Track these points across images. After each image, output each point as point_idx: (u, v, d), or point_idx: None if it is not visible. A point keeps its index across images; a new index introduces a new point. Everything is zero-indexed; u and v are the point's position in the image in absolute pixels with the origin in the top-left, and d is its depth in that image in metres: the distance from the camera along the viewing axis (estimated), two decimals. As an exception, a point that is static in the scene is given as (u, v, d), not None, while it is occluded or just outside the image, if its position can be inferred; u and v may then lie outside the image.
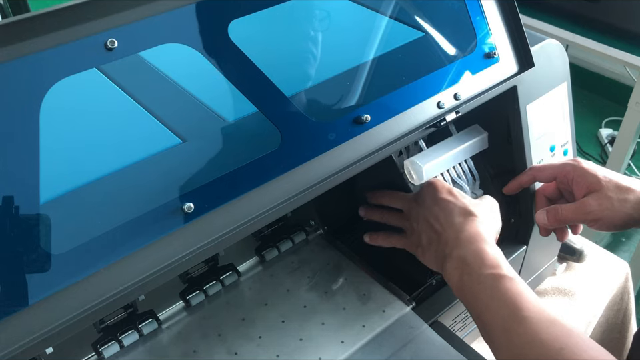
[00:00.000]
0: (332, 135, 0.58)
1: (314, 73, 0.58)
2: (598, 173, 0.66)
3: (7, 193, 0.43)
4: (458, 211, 0.63)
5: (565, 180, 0.68)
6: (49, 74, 0.45)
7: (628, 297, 0.94)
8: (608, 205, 0.63)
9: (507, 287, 0.55)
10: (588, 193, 0.65)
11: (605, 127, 2.42)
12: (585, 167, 0.67)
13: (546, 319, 0.52)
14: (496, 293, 0.55)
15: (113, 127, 0.48)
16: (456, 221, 0.63)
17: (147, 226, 0.48)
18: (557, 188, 0.70)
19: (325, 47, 0.60)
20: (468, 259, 0.58)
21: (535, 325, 0.51)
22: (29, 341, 0.43)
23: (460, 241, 0.60)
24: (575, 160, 0.69)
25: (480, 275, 0.57)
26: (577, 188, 0.66)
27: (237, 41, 0.53)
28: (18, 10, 1.66)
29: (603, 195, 0.64)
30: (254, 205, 0.53)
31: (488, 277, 0.56)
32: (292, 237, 0.80)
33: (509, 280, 0.55)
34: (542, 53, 0.72)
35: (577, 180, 0.66)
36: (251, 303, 0.73)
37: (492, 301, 0.55)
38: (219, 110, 0.52)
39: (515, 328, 0.52)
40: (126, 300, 0.48)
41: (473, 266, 0.58)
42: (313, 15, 0.60)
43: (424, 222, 0.65)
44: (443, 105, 0.65)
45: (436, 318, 0.71)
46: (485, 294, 0.56)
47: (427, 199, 0.66)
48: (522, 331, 0.52)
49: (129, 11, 0.48)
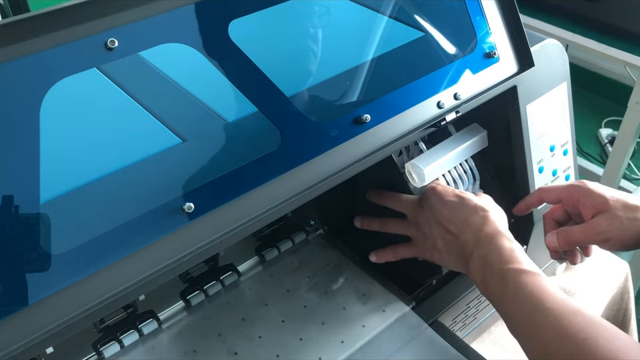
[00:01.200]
0: (332, 134, 0.58)
1: (314, 73, 0.58)
2: (605, 193, 0.65)
3: (7, 192, 0.43)
4: (470, 210, 0.64)
5: (570, 202, 0.68)
6: (49, 74, 0.45)
7: (628, 297, 0.94)
8: (617, 224, 0.63)
9: (528, 281, 0.55)
10: (596, 214, 0.65)
11: (605, 126, 2.42)
12: (591, 188, 0.66)
13: (569, 310, 0.52)
14: (518, 288, 0.56)
15: (113, 126, 0.48)
16: (471, 220, 0.63)
17: (147, 226, 0.48)
18: (564, 211, 0.69)
19: (325, 46, 0.60)
20: (489, 257, 0.59)
21: (558, 317, 0.52)
22: (29, 341, 0.43)
23: (480, 241, 0.61)
24: (580, 181, 0.68)
25: (502, 271, 0.57)
26: (585, 209, 0.66)
27: (237, 41, 0.53)
28: (18, 10, 1.66)
29: (611, 215, 0.64)
30: (254, 205, 0.53)
31: (510, 273, 0.57)
32: (292, 237, 0.80)
33: (530, 274, 0.56)
34: (542, 53, 0.72)
35: (583, 201, 0.66)
36: (250, 303, 0.73)
37: (515, 296, 0.56)
38: (219, 110, 0.52)
39: (540, 322, 0.53)
40: (126, 300, 0.48)
41: (494, 264, 0.58)
42: (312, 15, 0.60)
43: (437, 226, 0.65)
44: (443, 104, 0.65)
45: (436, 318, 0.71)
46: (508, 290, 0.56)
47: (434, 204, 0.66)
48: (546, 324, 0.52)
49: (128, 10, 0.48)
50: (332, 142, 0.58)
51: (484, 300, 0.78)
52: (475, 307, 0.78)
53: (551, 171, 0.79)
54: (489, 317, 0.82)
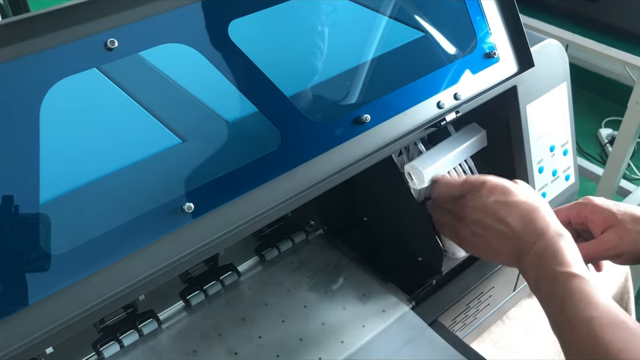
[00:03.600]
0: (332, 134, 0.58)
1: (314, 73, 0.58)
2: (612, 208, 0.65)
3: (7, 192, 0.43)
4: (525, 208, 0.61)
5: (578, 220, 0.67)
6: (49, 74, 0.45)
7: (628, 297, 0.94)
8: (628, 238, 0.63)
9: (579, 286, 0.55)
10: (606, 229, 0.64)
11: (605, 126, 2.42)
12: (598, 204, 0.66)
13: (613, 320, 0.52)
14: (568, 291, 0.55)
15: (113, 126, 0.48)
16: (526, 217, 0.61)
17: (147, 226, 0.48)
18: (573, 230, 0.69)
19: (325, 46, 0.60)
20: (544, 256, 0.58)
21: (602, 327, 0.52)
22: (29, 341, 0.43)
23: (534, 239, 0.59)
24: (585, 198, 0.68)
25: (554, 272, 0.56)
26: (593, 226, 0.65)
27: (237, 41, 0.53)
28: (18, 10, 1.66)
29: (621, 229, 0.63)
30: (254, 205, 0.53)
31: (562, 275, 0.56)
32: (292, 237, 0.80)
33: (581, 279, 0.55)
34: (542, 53, 0.72)
35: (591, 218, 0.65)
36: (251, 303, 0.73)
37: (564, 299, 0.55)
38: (219, 110, 0.52)
39: (583, 328, 0.52)
40: (126, 300, 0.48)
41: (548, 263, 0.57)
42: (312, 15, 0.60)
43: (489, 217, 0.63)
44: (443, 104, 0.65)
45: (436, 318, 0.71)
46: (557, 293, 0.56)
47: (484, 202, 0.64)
48: (589, 330, 0.52)
49: (128, 10, 0.48)
50: (332, 142, 0.58)
51: (484, 300, 0.79)
52: (475, 306, 0.78)
53: (551, 171, 0.79)
54: (489, 316, 0.82)
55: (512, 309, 0.85)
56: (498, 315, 0.83)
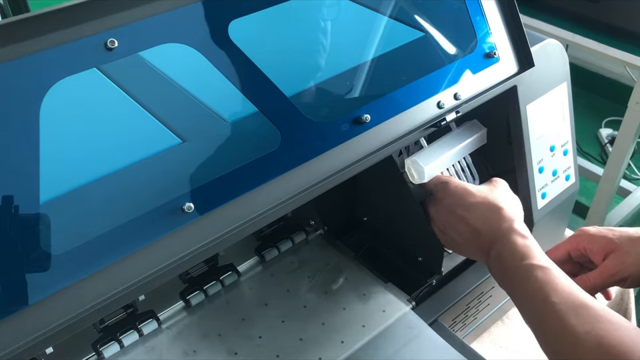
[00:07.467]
0: (332, 134, 0.58)
1: (314, 73, 0.58)
2: (607, 234, 0.65)
3: (7, 192, 0.43)
4: (486, 209, 0.64)
5: (578, 252, 0.68)
6: (49, 74, 0.45)
7: (628, 297, 0.94)
8: (630, 260, 0.63)
9: (538, 276, 0.56)
10: (606, 255, 0.65)
11: (605, 126, 2.42)
12: (592, 232, 0.67)
13: (574, 303, 0.53)
14: (529, 282, 0.57)
15: (112, 126, 0.48)
16: (487, 217, 0.63)
17: (147, 226, 0.48)
18: (575, 263, 0.69)
19: (325, 46, 0.60)
20: (503, 254, 0.60)
21: (564, 311, 0.53)
22: (29, 341, 0.43)
23: (496, 238, 0.62)
24: (579, 230, 0.68)
25: (516, 267, 0.59)
26: (593, 255, 0.66)
27: (237, 41, 0.53)
28: (18, 10, 1.66)
29: (622, 253, 0.64)
30: (254, 205, 0.53)
31: (522, 268, 0.58)
32: (292, 237, 0.80)
33: (542, 269, 0.57)
34: (542, 53, 0.72)
35: (589, 247, 0.66)
36: (251, 303, 0.73)
37: (527, 291, 0.57)
38: (219, 110, 0.52)
39: (546, 315, 0.54)
40: (126, 300, 0.48)
41: (508, 260, 0.60)
42: (312, 15, 0.60)
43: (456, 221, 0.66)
44: (443, 104, 0.65)
45: (436, 318, 0.71)
46: (520, 285, 0.58)
47: (447, 203, 0.67)
48: (552, 317, 0.53)
49: (128, 10, 0.48)
50: (332, 142, 0.58)
51: (484, 300, 0.79)
52: (474, 307, 0.78)
53: (551, 171, 0.79)
54: (489, 317, 0.82)
55: (512, 309, 0.85)
56: (498, 315, 0.83)
